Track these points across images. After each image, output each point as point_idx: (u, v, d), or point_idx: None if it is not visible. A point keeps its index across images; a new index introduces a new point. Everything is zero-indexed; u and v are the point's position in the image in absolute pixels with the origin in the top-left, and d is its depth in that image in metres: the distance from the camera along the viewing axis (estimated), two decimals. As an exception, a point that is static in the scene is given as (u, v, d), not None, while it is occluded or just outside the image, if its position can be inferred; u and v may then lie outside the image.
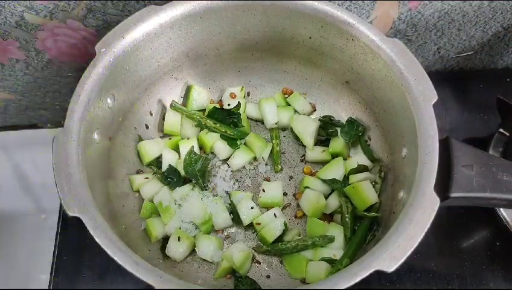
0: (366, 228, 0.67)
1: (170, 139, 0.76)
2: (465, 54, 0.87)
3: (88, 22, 0.70)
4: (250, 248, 0.69)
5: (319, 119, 0.77)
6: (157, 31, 0.64)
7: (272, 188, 0.73)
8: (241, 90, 0.79)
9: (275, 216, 0.69)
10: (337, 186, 0.70)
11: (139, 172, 0.74)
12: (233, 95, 0.78)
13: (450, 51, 0.86)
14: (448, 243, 0.74)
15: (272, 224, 0.68)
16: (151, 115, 0.76)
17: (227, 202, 0.72)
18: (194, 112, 0.75)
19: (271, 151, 0.77)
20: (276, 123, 0.77)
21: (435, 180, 0.54)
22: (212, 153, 0.77)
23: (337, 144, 0.75)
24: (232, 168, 0.76)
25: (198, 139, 0.76)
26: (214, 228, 0.71)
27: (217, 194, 0.73)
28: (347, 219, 0.68)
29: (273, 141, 0.77)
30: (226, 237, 0.71)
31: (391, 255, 0.50)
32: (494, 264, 0.73)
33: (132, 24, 0.63)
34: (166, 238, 0.69)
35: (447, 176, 0.57)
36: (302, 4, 0.64)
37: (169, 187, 0.72)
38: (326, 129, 0.76)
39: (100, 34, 0.71)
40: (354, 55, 0.67)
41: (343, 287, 0.49)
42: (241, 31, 0.70)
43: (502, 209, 0.72)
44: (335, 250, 0.66)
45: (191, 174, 0.72)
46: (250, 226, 0.71)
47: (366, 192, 0.67)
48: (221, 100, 0.80)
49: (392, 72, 0.62)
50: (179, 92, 0.78)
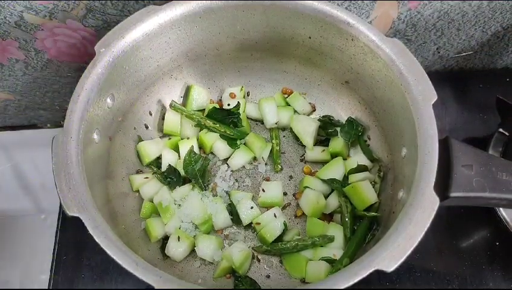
0: (366, 227, 0.67)
1: (170, 139, 0.76)
2: (464, 53, 0.87)
3: (87, 22, 0.70)
4: (250, 248, 0.69)
5: (319, 119, 0.77)
6: (156, 31, 0.64)
7: (272, 188, 0.73)
8: (241, 90, 0.79)
9: (275, 216, 0.69)
10: (336, 186, 0.70)
11: (139, 172, 0.74)
12: (233, 95, 0.78)
13: (450, 51, 0.86)
14: (448, 243, 0.74)
15: (272, 224, 0.68)
16: (151, 115, 0.76)
17: (227, 202, 0.72)
18: (193, 112, 0.75)
19: (271, 151, 0.77)
20: (275, 123, 0.77)
21: (434, 180, 0.54)
22: (212, 153, 0.77)
23: (337, 143, 0.75)
24: (231, 168, 0.76)
25: (198, 139, 0.76)
26: (214, 227, 0.71)
27: (216, 194, 0.73)
28: (347, 219, 0.68)
29: (273, 141, 0.77)
30: (226, 237, 0.71)
31: (391, 254, 0.50)
32: (494, 264, 0.73)
33: (132, 24, 0.63)
34: (166, 238, 0.69)
35: (447, 175, 0.57)
36: (302, 4, 0.64)
37: (169, 187, 0.72)
38: (326, 129, 0.76)
39: (100, 34, 0.71)
40: (354, 55, 0.67)
41: (343, 287, 0.49)
42: (240, 31, 0.70)
43: (502, 209, 0.72)
44: (335, 250, 0.66)
45: (191, 174, 0.72)
46: (250, 226, 0.71)
47: (365, 192, 0.68)
48: (220, 100, 0.80)
49: (391, 72, 0.62)
50: (178, 92, 0.78)
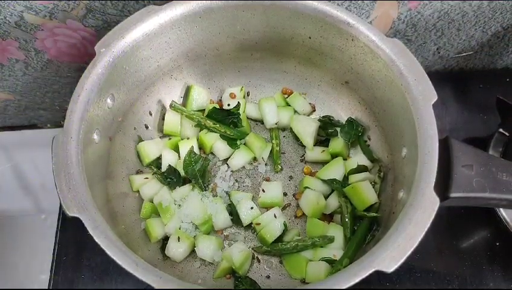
0: (366, 228, 0.67)
1: (170, 139, 0.76)
2: (464, 54, 0.87)
3: (88, 22, 0.70)
4: (250, 248, 0.69)
5: (319, 120, 0.77)
6: (156, 31, 0.64)
7: (272, 188, 0.73)
8: (241, 90, 0.79)
9: (275, 216, 0.69)
10: (336, 186, 0.70)
11: (139, 172, 0.74)
12: (233, 95, 0.78)
13: (450, 51, 0.86)
14: (448, 243, 0.74)
15: (272, 224, 0.68)
16: (151, 115, 0.76)
17: (227, 202, 0.72)
18: (193, 112, 0.75)
19: (271, 152, 0.77)
20: (276, 123, 0.77)
21: (434, 180, 0.54)
22: (212, 153, 0.77)
23: (337, 144, 0.75)
24: (231, 169, 0.76)
25: (198, 140, 0.76)
26: (214, 228, 0.71)
27: (216, 195, 0.73)
28: (347, 219, 0.68)
29: (273, 141, 0.77)
30: (226, 238, 0.71)
31: (391, 255, 0.50)
32: (494, 264, 0.73)
33: (132, 24, 0.63)
34: (166, 239, 0.69)
35: (447, 176, 0.57)
36: (302, 4, 0.64)
37: (169, 187, 0.72)
38: (326, 129, 0.76)
39: (100, 34, 0.71)
40: (354, 55, 0.67)
41: (343, 287, 0.49)
42: (240, 31, 0.70)
43: (502, 209, 0.72)
44: (335, 250, 0.66)
45: (191, 175, 0.72)
46: (250, 226, 0.71)
47: (365, 192, 0.67)
48: (220, 100, 0.80)
49: (391, 72, 0.62)
50: (178, 92, 0.78)
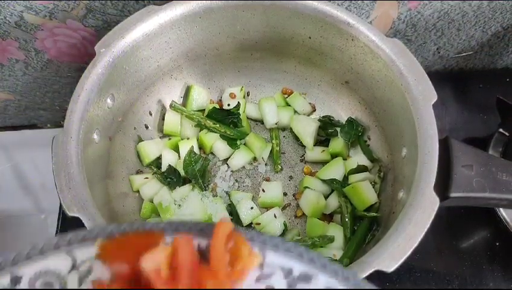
0: (366, 228, 0.67)
1: (170, 139, 0.76)
2: (464, 54, 0.87)
3: (88, 22, 0.70)
4: (250, 248, 0.69)
5: (319, 120, 0.77)
6: (156, 31, 0.64)
7: (272, 188, 0.73)
8: (241, 90, 0.79)
9: (275, 216, 0.69)
10: (336, 186, 0.70)
11: (139, 172, 0.74)
12: (233, 95, 0.78)
13: (450, 51, 0.86)
14: (448, 243, 0.74)
15: (272, 224, 0.68)
16: (151, 115, 0.76)
17: (227, 202, 0.72)
18: (193, 112, 0.75)
19: (271, 152, 0.77)
20: (276, 123, 0.77)
21: (434, 180, 0.54)
22: (212, 153, 0.77)
23: (337, 144, 0.75)
24: (231, 169, 0.76)
25: (198, 140, 0.76)
26: (214, 228, 0.71)
27: (216, 195, 0.73)
28: (347, 219, 0.68)
29: (273, 141, 0.77)
30: (226, 237, 0.71)
31: (391, 255, 0.50)
32: (494, 264, 0.73)
33: (132, 24, 0.63)
34: (166, 239, 0.69)
35: (447, 176, 0.57)
36: (302, 4, 0.64)
37: (169, 187, 0.72)
38: (326, 129, 0.76)
39: (100, 34, 0.71)
40: (354, 55, 0.67)
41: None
42: (240, 31, 0.70)
43: (502, 209, 0.72)
44: (335, 250, 0.66)
45: (191, 175, 0.72)
46: (250, 226, 0.71)
47: (365, 192, 0.67)
48: (220, 100, 0.80)
49: (391, 72, 0.62)
50: (178, 92, 0.78)
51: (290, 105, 0.79)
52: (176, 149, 0.75)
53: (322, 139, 0.77)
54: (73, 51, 0.75)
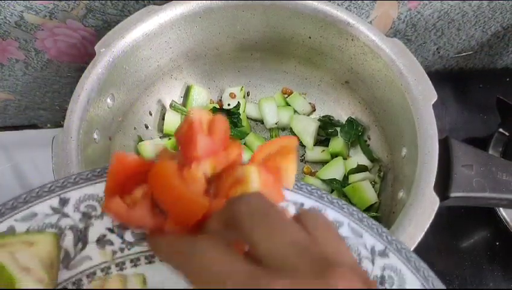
0: (366, 228, 0.67)
1: (170, 139, 0.76)
2: (464, 53, 0.87)
3: (88, 22, 0.70)
4: (250, 248, 0.69)
5: (319, 119, 0.77)
6: (156, 31, 0.64)
7: (272, 188, 0.73)
8: (241, 90, 0.79)
9: (275, 216, 0.69)
10: (336, 186, 0.70)
11: (139, 172, 0.74)
12: (233, 95, 0.78)
13: (450, 51, 0.86)
14: (448, 243, 0.74)
15: (272, 224, 0.68)
16: (151, 115, 0.76)
17: (227, 202, 0.72)
18: (193, 112, 0.75)
19: (271, 151, 0.77)
20: (276, 123, 0.77)
21: (434, 180, 0.54)
22: (211, 153, 0.77)
23: (337, 143, 0.75)
24: (231, 168, 0.75)
25: (198, 139, 0.76)
26: (214, 228, 0.71)
27: (216, 194, 0.73)
28: (347, 219, 0.68)
29: (273, 141, 0.77)
30: (226, 237, 0.71)
31: (391, 255, 0.50)
32: (494, 264, 0.73)
33: (132, 24, 0.63)
34: (166, 239, 0.68)
35: (447, 175, 0.57)
36: (302, 4, 0.64)
37: (169, 187, 0.72)
38: (326, 129, 0.76)
39: (100, 34, 0.71)
40: (354, 55, 0.67)
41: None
42: (240, 31, 0.70)
43: (502, 209, 0.72)
44: (335, 250, 0.66)
45: (191, 174, 0.72)
46: (250, 226, 0.71)
47: (365, 192, 0.67)
48: (220, 100, 0.80)
49: (391, 72, 0.62)
50: (178, 92, 0.78)
51: (290, 105, 0.79)
52: (176, 149, 0.75)
53: (322, 139, 0.77)
54: (73, 51, 0.75)
